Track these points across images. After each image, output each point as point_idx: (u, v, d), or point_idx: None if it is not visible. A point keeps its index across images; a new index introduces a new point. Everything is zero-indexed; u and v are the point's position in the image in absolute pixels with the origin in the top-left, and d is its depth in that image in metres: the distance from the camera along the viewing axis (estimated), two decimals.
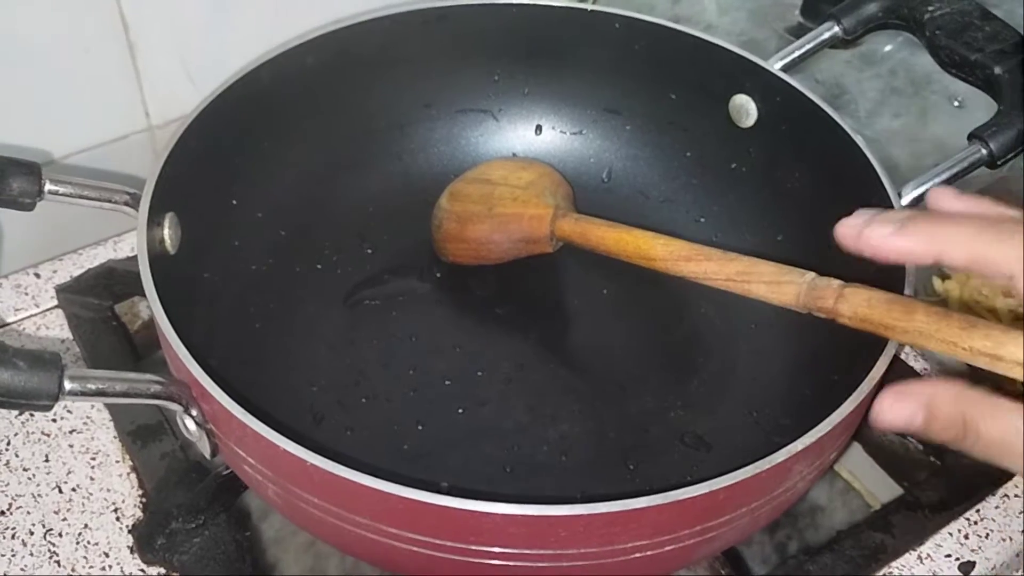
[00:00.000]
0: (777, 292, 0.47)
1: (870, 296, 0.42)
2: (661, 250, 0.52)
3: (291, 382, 0.56)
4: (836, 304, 0.43)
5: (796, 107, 0.57)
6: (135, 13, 0.62)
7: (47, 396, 0.39)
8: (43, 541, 0.51)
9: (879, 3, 0.58)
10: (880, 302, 0.42)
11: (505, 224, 0.60)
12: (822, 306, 0.44)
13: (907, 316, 0.40)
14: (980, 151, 0.51)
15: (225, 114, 0.55)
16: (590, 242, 0.56)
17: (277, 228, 0.61)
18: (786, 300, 0.46)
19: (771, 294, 0.47)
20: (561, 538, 0.38)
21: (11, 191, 0.47)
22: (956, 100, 0.74)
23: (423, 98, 0.65)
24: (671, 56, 0.61)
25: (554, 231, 0.58)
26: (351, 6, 0.66)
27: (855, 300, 0.42)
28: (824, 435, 0.40)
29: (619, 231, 0.55)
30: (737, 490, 0.38)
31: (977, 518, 0.54)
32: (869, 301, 0.42)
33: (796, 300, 0.45)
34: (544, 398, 0.57)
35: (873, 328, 0.42)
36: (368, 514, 0.40)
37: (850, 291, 0.43)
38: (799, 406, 0.54)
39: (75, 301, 0.62)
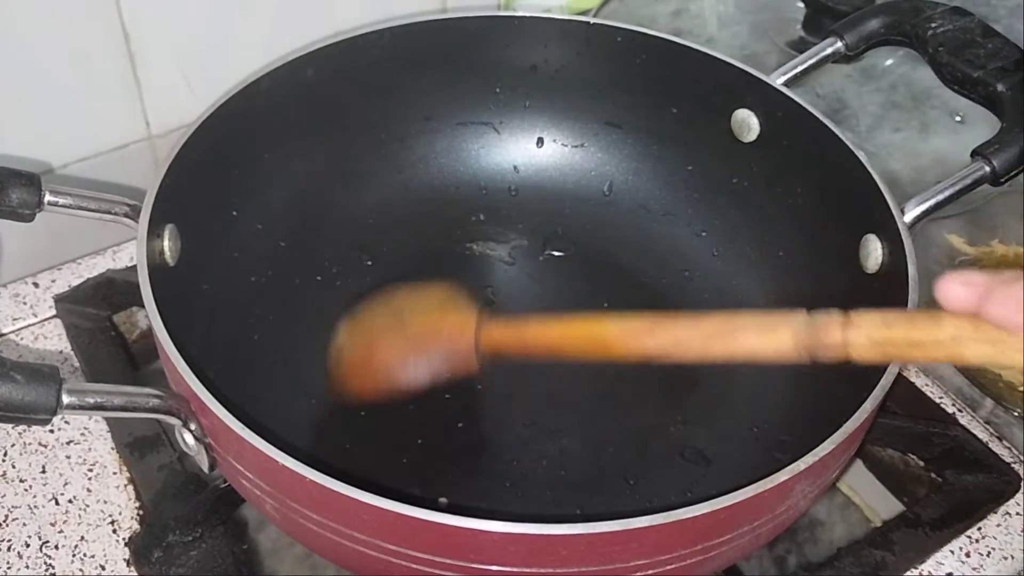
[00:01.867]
0: (770, 339, 0.41)
1: (884, 316, 0.38)
2: (615, 329, 0.45)
3: (289, 394, 0.56)
4: (846, 334, 0.39)
5: (798, 122, 0.57)
6: (136, 23, 0.62)
7: (45, 410, 0.38)
8: (39, 553, 0.51)
9: (881, 19, 0.58)
10: (899, 319, 0.38)
11: (422, 340, 0.51)
12: (829, 342, 0.39)
13: (935, 325, 0.36)
14: (983, 168, 0.51)
15: (225, 125, 0.54)
16: (526, 344, 0.49)
17: (277, 240, 0.61)
18: (782, 346, 0.40)
19: (763, 344, 0.41)
20: (561, 557, 0.38)
21: (11, 202, 0.47)
22: (957, 115, 0.74)
23: (424, 110, 0.65)
24: (673, 70, 0.61)
25: (479, 340, 0.50)
26: (352, 18, 0.66)
27: (869, 324, 0.38)
28: (827, 454, 0.40)
29: (560, 322, 0.48)
30: (739, 509, 0.38)
31: (978, 536, 0.54)
32: (885, 320, 0.38)
33: (795, 343, 0.40)
34: (543, 413, 0.56)
35: (897, 351, 0.38)
36: (366, 530, 0.40)
37: (858, 317, 0.39)
38: (800, 422, 0.53)
39: (73, 311, 0.62)
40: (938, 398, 0.61)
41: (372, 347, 0.52)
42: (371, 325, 0.53)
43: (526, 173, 0.67)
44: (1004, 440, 0.59)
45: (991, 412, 0.60)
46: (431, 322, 0.51)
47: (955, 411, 0.60)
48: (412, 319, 0.52)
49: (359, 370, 0.52)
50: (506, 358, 0.49)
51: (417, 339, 0.51)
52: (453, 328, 0.50)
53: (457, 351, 0.50)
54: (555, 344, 0.48)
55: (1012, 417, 0.59)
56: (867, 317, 0.39)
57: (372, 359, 0.52)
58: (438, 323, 0.51)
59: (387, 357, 0.51)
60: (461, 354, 0.50)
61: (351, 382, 0.53)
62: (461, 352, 0.50)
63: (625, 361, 0.44)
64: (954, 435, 0.57)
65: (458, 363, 0.50)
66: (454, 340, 0.50)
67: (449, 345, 0.50)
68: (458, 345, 0.50)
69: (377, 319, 0.53)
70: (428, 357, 0.51)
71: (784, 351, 0.40)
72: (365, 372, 0.52)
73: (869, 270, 0.53)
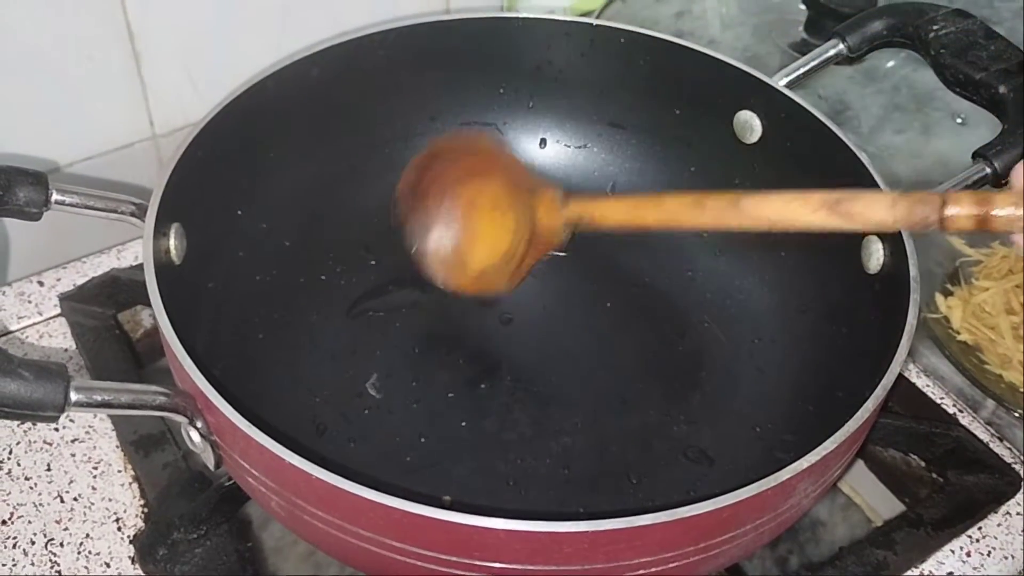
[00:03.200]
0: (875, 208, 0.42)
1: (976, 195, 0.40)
2: (714, 200, 0.46)
3: (294, 393, 0.56)
4: (943, 211, 0.40)
5: (800, 124, 0.57)
6: (141, 22, 0.63)
7: (53, 407, 0.39)
8: (44, 551, 0.51)
9: (884, 21, 0.58)
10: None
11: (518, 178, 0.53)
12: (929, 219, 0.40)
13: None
14: (984, 170, 0.51)
15: (231, 125, 0.55)
16: (607, 218, 0.51)
17: (281, 239, 0.61)
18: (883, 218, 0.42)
19: (868, 212, 0.42)
20: (565, 554, 0.38)
21: (18, 201, 0.47)
22: (959, 117, 0.74)
23: (428, 110, 0.65)
24: (676, 71, 0.62)
25: (566, 212, 0.51)
26: (357, 19, 0.66)
27: (965, 203, 0.40)
28: (829, 453, 0.40)
29: (644, 201, 0.49)
30: (742, 507, 0.38)
31: (979, 535, 0.54)
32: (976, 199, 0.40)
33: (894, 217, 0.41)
34: (547, 411, 0.57)
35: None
36: (372, 527, 0.40)
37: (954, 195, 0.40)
38: (802, 422, 0.54)
39: (78, 309, 0.62)
40: (939, 399, 0.61)
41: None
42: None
43: None
44: (1005, 441, 0.59)
45: (992, 413, 0.61)
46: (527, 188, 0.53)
47: (956, 412, 0.60)
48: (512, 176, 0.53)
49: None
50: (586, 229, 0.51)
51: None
52: (546, 196, 0.52)
53: (548, 223, 0.52)
54: (638, 220, 0.49)
55: (1013, 418, 0.60)
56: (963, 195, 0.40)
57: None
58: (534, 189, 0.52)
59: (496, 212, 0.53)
60: (551, 227, 0.52)
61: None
62: (551, 225, 0.52)
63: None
64: (956, 435, 0.58)
65: (547, 237, 0.52)
66: (547, 209, 0.52)
67: (543, 212, 0.52)
68: (550, 218, 0.52)
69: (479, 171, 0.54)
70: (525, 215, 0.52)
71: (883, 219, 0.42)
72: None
73: (870, 271, 0.53)
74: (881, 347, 0.47)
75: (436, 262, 0.55)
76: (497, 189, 0.53)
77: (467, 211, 0.54)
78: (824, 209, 0.43)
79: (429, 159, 0.55)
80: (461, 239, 0.54)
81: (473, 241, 0.54)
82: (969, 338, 0.63)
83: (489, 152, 0.55)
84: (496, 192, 0.53)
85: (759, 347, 0.59)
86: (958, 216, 0.40)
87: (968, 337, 0.63)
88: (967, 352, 0.63)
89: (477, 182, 0.54)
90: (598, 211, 0.51)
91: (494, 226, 0.54)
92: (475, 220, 0.54)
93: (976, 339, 0.63)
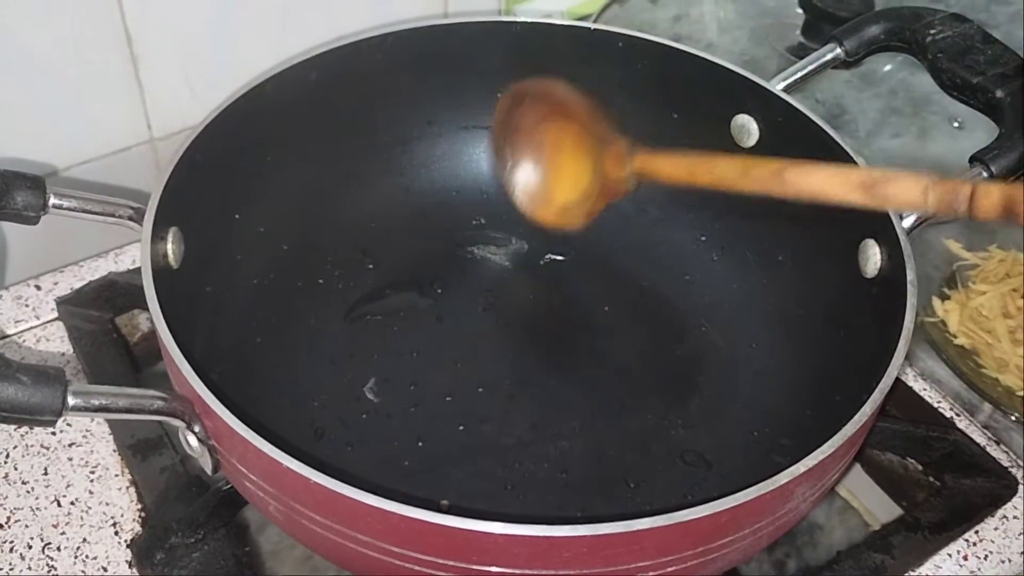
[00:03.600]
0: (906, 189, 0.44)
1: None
2: (774, 166, 0.48)
3: (292, 397, 0.56)
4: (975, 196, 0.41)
5: (798, 127, 0.57)
6: (138, 26, 0.63)
7: (50, 412, 0.39)
8: (41, 555, 0.51)
9: (881, 25, 0.58)
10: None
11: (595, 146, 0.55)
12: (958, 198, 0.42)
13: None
14: (981, 174, 0.51)
15: (229, 129, 0.55)
16: (673, 172, 0.53)
17: (279, 243, 0.61)
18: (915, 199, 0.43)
19: (899, 192, 0.44)
20: (564, 559, 0.38)
21: (16, 204, 0.47)
22: (956, 121, 0.74)
23: (426, 115, 0.65)
24: (673, 76, 0.62)
25: (634, 161, 0.54)
26: (355, 23, 0.67)
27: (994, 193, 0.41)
28: (827, 456, 0.40)
29: (707, 160, 0.51)
30: (741, 511, 0.38)
31: (976, 539, 0.54)
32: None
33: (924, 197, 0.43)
34: (545, 415, 0.57)
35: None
36: (370, 532, 0.40)
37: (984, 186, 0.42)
38: (800, 426, 0.54)
39: (76, 313, 0.62)
40: (936, 403, 0.61)
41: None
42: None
43: None
44: (1002, 444, 0.59)
45: (989, 416, 0.61)
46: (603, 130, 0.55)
47: (953, 415, 0.60)
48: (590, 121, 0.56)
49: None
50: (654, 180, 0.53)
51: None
52: (616, 146, 0.54)
53: (616, 171, 0.54)
54: (692, 178, 0.51)
55: (1010, 422, 0.60)
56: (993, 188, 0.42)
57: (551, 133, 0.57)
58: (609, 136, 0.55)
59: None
60: (619, 175, 0.54)
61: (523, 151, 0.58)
62: (620, 173, 0.54)
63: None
64: (953, 439, 0.58)
65: (615, 184, 0.55)
66: (616, 158, 0.54)
67: (613, 161, 0.54)
68: (618, 166, 0.54)
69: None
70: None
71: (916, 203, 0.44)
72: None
73: (868, 275, 0.53)
74: (879, 351, 0.47)
75: (524, 194, 0.59)
76: (579, 131, 0.56)
77: (554, 149, 0.58)
78: (861, 189, 0.45)
79: (518, 97, 0.59)
80: (548, 174, 0.58)
81: (558, 177, 0.58)
82: (966, 342, 0.64)
83: (571, 97, 0.57)
84: (578, 134, 0.56)
85: (757, 351, 0.59)
86: (987, 206, 0.42)
87: (965, 341, 0.64)
88: (964, 356, 0.63)
89: (562, 123, 0.57)
90: (659, 166, 0.53)
91: (576, 165, 0.57)
92: (561, 158, 0.58)
93: (973, 343, 0.63)
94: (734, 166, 0.50)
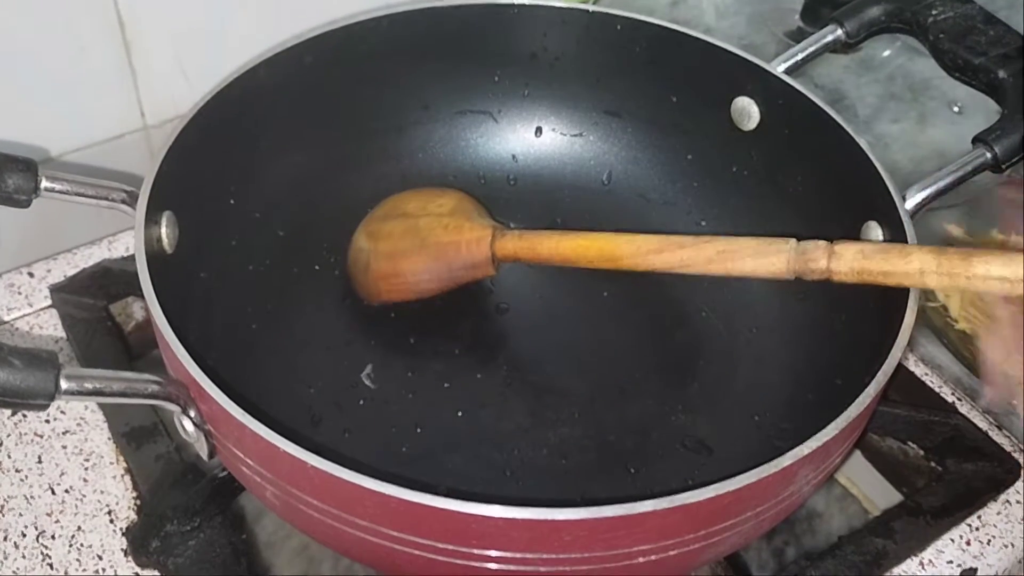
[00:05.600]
0: (764, 263, 0.46)
1: (862, 247, 0.44)
2: (626, 248, 0.51)
3: (288, 383, 0.56)
4: (830, 263, 0.44)
5: (799, 110, 0.57)
6: (131, 11, 0.62)
7: (43, 395, 0.38)
8: (36, 543, 0.51)
9: (882, 7, 0.58)
10: (875, 251, 0.43)
11: (443, 253, 0.56)
12: (815, 267, 0.45)
13: (904, 259, 0.42)
14: (984, 155, 0.51)
15: (223, 113, 0.54)
16: (541, 256, 0.54)
17: (275, 228, 0.60)
18: (776, 269, 0.46)
19: (759, 267, 0.46)
20: (564, 542, 0.38)
21: (7, 187, 0.46)
22: (955, 106, 0.74)
23: (422, 99, 0.65)
24: (673, 58, 0.61)
25: (496, 252, 0.55)
26: (350, 6, 0.66)
27: (849, 255, 0.44)
28: (830, 439, 0.40)
29: (574, 238, 0.53)
30: (742, 494, 0.38)
31: (979, 524, 0.54)
32: (863, 252, 0.44)
33: (786, 267, 0.45)
34: (544, 401, 0.56)
35: (872, 278, 0.43)
36: (367, 516, 0.39)
37: (841, 247, 0.44)
38: (801, 410, 0.53)
39: (69, 301, 0.61)
40: (937, 387, 0.61)
41: (396, 259, 0.57)
42: (391, 240, 0.58)
43: (525, 162, 0.67)
44: (1004, 429, 0.59)
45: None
46: (448, 233, 0.56)
47: (955, 400, 0.60)
48: (429, 230, 0.57)
49: (386, 276, 0.58)
50: (522, 263, 0.55)
51: (439, 251, 0.56)
52: (470, 239, 0.56)
53: (476, 262, 0.56)
54: (568, 255, 0.53)
55: (1010, 406, 0.59)
56: (848, 247, 0.44)
57: (398, 268, 0.57)
58: (455, 234, 0.56)
59: (413, 267, 0.57)
60: (479, 263, 0.56)
61: (378, 287, 0.58)
62: (479, 262, 0.56)
63: (633, 269, 0.50)
64: (955, 423, 0.57)
65: (476, 271, 0.56)
66: (473, 253, 0.55)
67: (469, 257, 0.56)
68: (477, 257, 0.56)
69: (396, 236, 0.58)
70: (451, 267, 0.56)
71: (776, 272, 0.46)
72: (392, 278, 0.57)
73: None
74: (880, 336, 0.46)
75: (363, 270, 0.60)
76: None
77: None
78: (716, 262, 0.48)
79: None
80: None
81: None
82: (967, 327, 0.63)
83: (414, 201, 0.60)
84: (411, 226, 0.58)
85: (757, 336, 0.59)
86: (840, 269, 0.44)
87: (966, 326, 0.63)
88: (965, 341, 0.63)
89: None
90: (540, 248, 0.54)
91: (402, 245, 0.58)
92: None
93: (974, 328, 0.63)
94: (603, 248, 0.52)
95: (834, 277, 0.44)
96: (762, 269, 0.46)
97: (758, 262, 0.46)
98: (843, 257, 0.44)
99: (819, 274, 0.45)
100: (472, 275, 0.57)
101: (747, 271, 0.47)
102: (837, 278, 0.44)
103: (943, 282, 0.42)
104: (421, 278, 0.57)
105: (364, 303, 0.60)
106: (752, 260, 0.47)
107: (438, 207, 0.58)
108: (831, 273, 0.44)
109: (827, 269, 0.44)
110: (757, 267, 0.47)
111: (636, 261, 0.50)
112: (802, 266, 0.45)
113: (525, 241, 0.55)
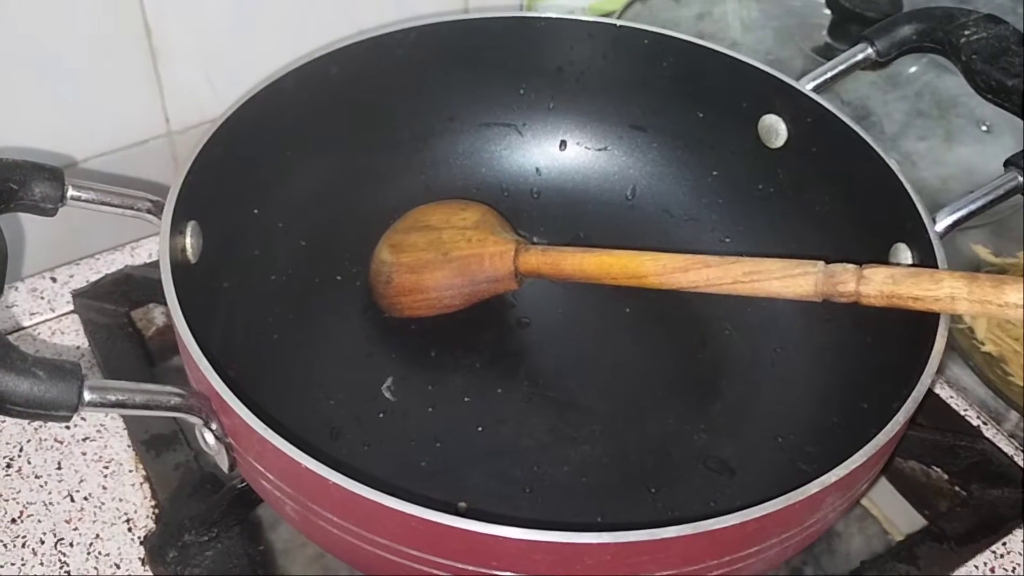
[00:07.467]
0: (792, 285, 0.46)
1: (892, 272, 0.43)
2: (651, 266, 0.50)
3: (308, 395, 0.55)
4: (859, 286, 0.44)
5: (827, 129, 0.56)
6: (158, 19, 0.62)
7: (66, 407, 0.38)
8: (54, 550, 0.51)
9: (914, 26, 0.57)
10: (905, 276, 0.43)
11: (466, 267, 0.56)
12: (844, 291, 0.44)
13: (935, 284, 0.42)
14: (1017, 179, 0.50)
15: (249, 123, 0.54)
16: (564, 272, 0.53)
17: (298, 238, 0.60)
18: (803, 291, 0.46)
19: (786, 288, 0.46)
20: (586, 566, 0.37)
21: (34, 196, 0.46)
22: (983, 124, 0.73)
23: (447, 111, 0.65)
24: (700, 74, 0.61)
25: (519, 267, 0.55)
26: (376, 17, 0.66)
27: (878, 279, 0.43)
28: (857, 467, 0.39)
29: (598, 255, 0.52)
30: (768, 521, 0.38)
31: (1004, 551, 0.53)
32: (893, 276, 0.43)
33: (814, 289, 0.45)
34: (564, 417, 0.56)
35: (901, 303, 0.43)
36: (388, 534, 0.39)
37: (870, 271, 0.44)
38: (826, 433, 0.53)
39: (91, 307, 0.62)
40: (963, 411, 0.60)
41: (419, 272, 0.57)
42: (413, 252, 0.57)
43: (548, 176, 0.67)
44: None
45: (1016, 425, 0.60)
46: (471, 246, 0.56)
47: (980, 424, 0.59)
48: (452, 243, 0.57)
49: (409, 291, 0.57)
50: (544, 279, 0.55)
51: (462, 265, 0.56)
52: (493, 253, 0.55)
53: (499, 275, 0.56)
54: (592, 271, 0.52)
55: None
56: (877, 271, 0.44)
57: (421, 283, 0.57)
58: (478, 247, 0.56)
59: (436, 282, 0.56)
60: (502, 277, 0.56)
61: (400, 302, 0.58)
62: (502, 275, 0.55)
63: (659, 288, 0.50)
64: (980, 448, 0.57)
65: (499, 284, 0.56)
66: (496, 267, 0.55)
67: (492, 271, 0.56)
68: (500, 271, 0.55)
69: (419, 248, 0.57)
70: (474, 280, 0.56)
71: (803, 295, 0.46)
72: (416, 293, 0.57)
73: None
74: (908, 359, 0.46)
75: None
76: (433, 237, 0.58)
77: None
78: (742, 282, 0.47)
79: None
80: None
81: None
82: (994, 349, 0.62)
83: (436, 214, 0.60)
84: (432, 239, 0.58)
85: (781, 356, 0.58)
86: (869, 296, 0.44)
87: (992, 348, 0.62)
88: (991, 363, 0.62)
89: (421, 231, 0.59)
90: (564, 264, 0.54)
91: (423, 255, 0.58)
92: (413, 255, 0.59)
93: (1001, 350, 0.62)
94: (627, 266, 0.51)
95: (862, 301, 0.44)
96: (789, 291, 0.46)
97: (785, 284, 0.46)
98: (872, 281, 0.44)
99: (847, 297, 0.44)
100: (495, 289, 0.57)
101: (774, 292, 0.47)
102: (866, 302, 0.44)
103: (974, 309, 0.42)
104: (444, 294, 0.57)
105: (385, 315, 0.60)
106: (779, 282, 0.46)
107: (461, 220, 0.58)
108: (860, 297, 0.44)
109: (855, 292, 0.44)
110: (784, 289, 0.46)
111: (661, 279, 0.50)
112: (830, 289, 0.45)
113: (548, 256, 0.54)
